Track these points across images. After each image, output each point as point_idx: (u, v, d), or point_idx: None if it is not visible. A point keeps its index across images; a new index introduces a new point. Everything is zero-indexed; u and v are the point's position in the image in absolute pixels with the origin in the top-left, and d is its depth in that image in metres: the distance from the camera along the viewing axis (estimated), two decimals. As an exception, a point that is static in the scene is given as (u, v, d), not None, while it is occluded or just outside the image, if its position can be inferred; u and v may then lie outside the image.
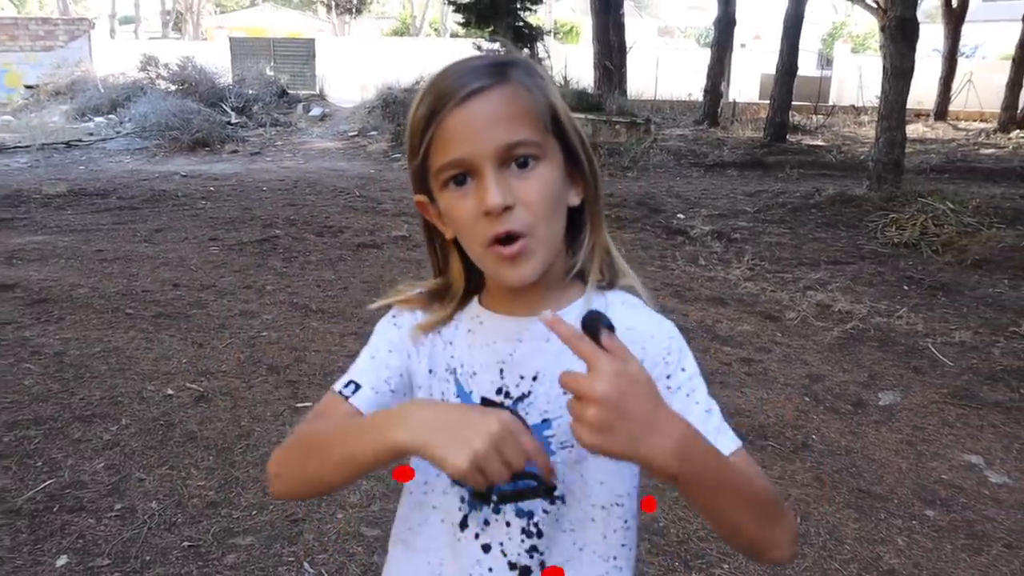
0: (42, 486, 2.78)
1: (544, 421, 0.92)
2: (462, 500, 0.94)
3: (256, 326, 4.48)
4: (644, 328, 0.92)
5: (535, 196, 0.86)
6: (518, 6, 16.59)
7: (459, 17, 17.44)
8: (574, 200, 0.93)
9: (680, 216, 8.14)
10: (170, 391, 3.60)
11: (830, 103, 21.89)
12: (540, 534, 0.92)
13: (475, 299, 0.99)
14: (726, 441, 0.90)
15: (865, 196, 8.65)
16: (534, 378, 0.93)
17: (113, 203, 8.11)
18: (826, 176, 11.24)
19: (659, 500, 2.83)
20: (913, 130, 15.44)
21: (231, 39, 24.60)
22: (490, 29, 16.54)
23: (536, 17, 18.84)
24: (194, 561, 2.41)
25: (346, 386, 0.96)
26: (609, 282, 0.96)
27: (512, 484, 0.83)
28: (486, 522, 0.93)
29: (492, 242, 0.85)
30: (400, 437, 0.78)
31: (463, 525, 0.94)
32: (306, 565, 2.42)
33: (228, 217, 7.50)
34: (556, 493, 0.91)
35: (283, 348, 4.17)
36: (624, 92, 17.45)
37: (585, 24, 25.82)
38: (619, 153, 12.17)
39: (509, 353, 0.94)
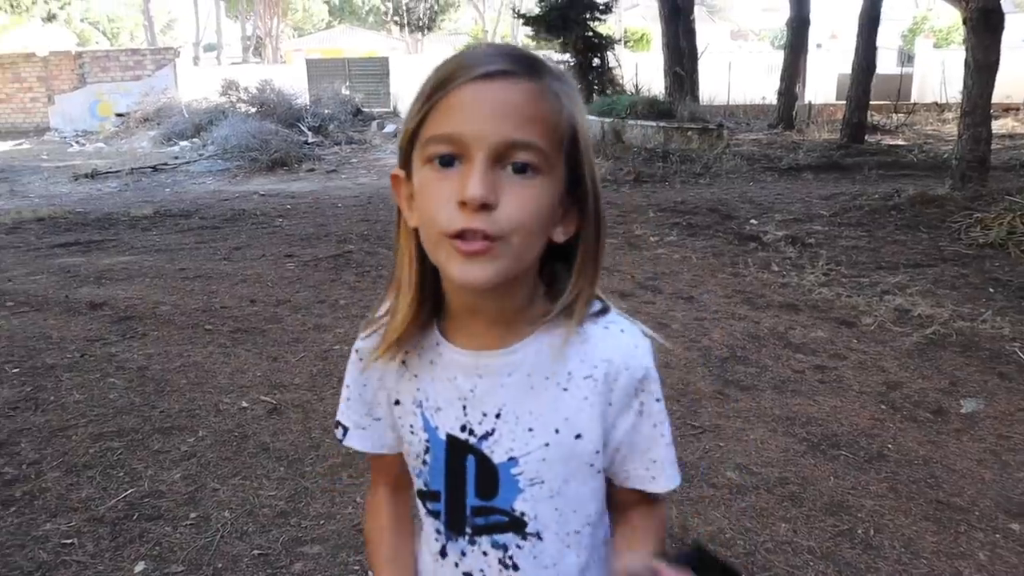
0: (123, 495, 2.91)
1: (511, 459, 0.89)
2: (438, 532, 0.95)
3: (329, 340, 4.59)
4: (619, 360, 0.88)
5: (522, 208, 0.76)
6: (587, 16, 16.64)
7: (529, 30, 17.58)
8: (559, 236, 0.84)
9: (753, 222, 7.99)
10: (245, 404, 3.72)
11: (911, 101, 21.16)
12: (516, 567, 0.92)
13: (434, 325, 0.91)
14: (672, 475, 0.93)
15: (948, 196, 8.31)
16: (497, 415, 0.89)
17: (195, 223, 8.43)
18: (907, 176, 10.86)
19: (722, 511, 2.78)
20: (1001, 125, 14.81)
21: (307, 61, 25.35)
22: (560, 40, 16.62)
23: (606, 26, 18.80)
24: (263, 569, 2.48)
25: (336, 428, 1.02)
26: (601, 311, 0.90)
27: (484, 519, 0.91)
28: (463, 552, 0.93)
29: (454, 234, 0.75)
30: None
31: (443, 554, 0.95)
32: (371, 574, 2.46)
33: (304, 234, 7.71)
34: (528, 530, 0.90)
35: (353, 361, 4.24)
36: (696, 98, 17.27)
37: (655, 31, 25.63)
38: (691, 160, 12.02)
39: (470, 389, 0.89)
